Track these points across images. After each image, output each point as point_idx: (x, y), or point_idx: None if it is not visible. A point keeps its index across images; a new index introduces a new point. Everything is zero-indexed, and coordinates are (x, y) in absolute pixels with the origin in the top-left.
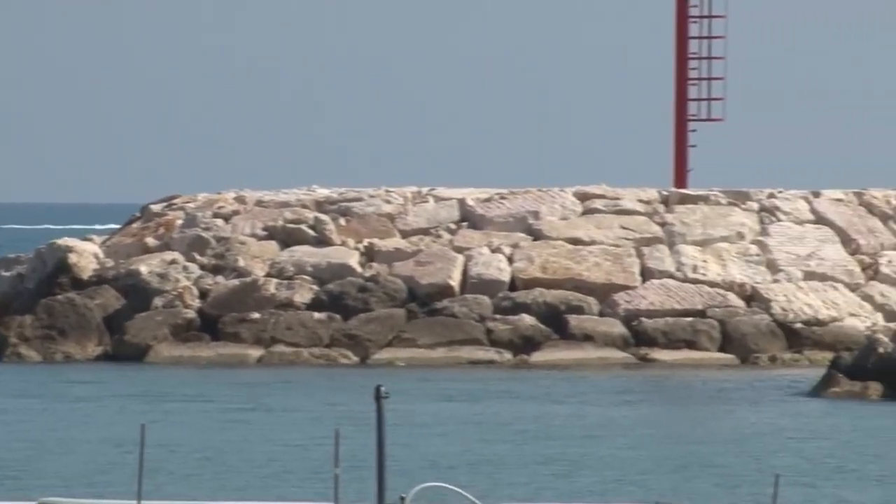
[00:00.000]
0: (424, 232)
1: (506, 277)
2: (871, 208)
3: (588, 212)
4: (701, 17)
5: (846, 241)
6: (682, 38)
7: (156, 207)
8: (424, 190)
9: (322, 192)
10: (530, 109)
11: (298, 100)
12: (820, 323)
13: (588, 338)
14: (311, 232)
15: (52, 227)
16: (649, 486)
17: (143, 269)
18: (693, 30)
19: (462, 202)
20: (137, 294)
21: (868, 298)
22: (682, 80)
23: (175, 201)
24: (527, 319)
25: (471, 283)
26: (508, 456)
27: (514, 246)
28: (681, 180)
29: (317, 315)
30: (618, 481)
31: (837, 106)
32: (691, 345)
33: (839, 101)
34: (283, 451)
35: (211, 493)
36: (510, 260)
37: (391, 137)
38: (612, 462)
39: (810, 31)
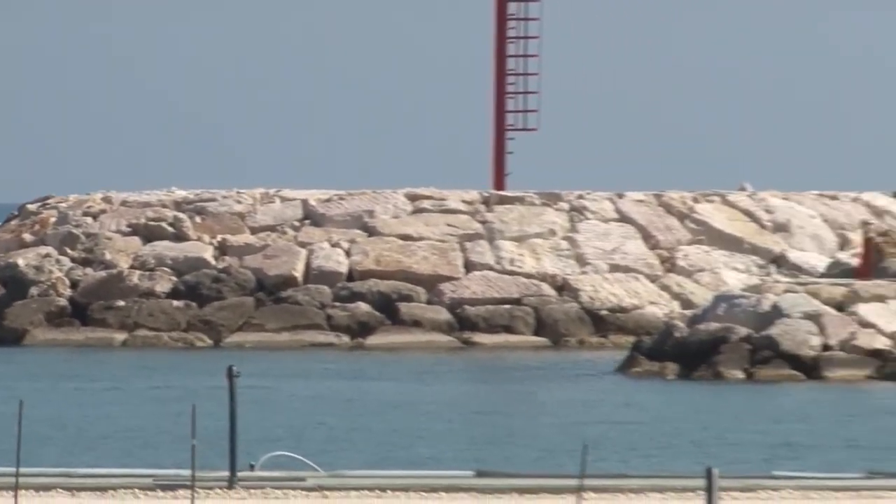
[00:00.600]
0: (271, 229)
1: (344, 269)
2: (668, 208)
3: (417, 211)
4: (518, 37)
5: (647, 237)
6: (500, 56)
7: (32, 207)
8: (271, 191)
9: (180, 194)
10: (367, 117)
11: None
12: (623, 310)
13: (417, 323)
14: (170, 229)
15: None
16: (473, 455)
17: (21, 261)
18: (510, 49)
19: (305, 202)
20: (15, 284)
21: (666, 288)
22: (500, 94)
23: (49, 201)
24: (362, 307)
25: (313, 275)
26: (349, 428)
27: (352, 241)
28: (500, 183)
29: (175, 303)
30: (447, 451)
31: (639, 116)
32: (509, 329)
33: (640, 112)
34: (146, 423)
35: (83, 461)
36: (348, 254)
37: (240, 142)
38: (443, 434)
39: (616, 49)
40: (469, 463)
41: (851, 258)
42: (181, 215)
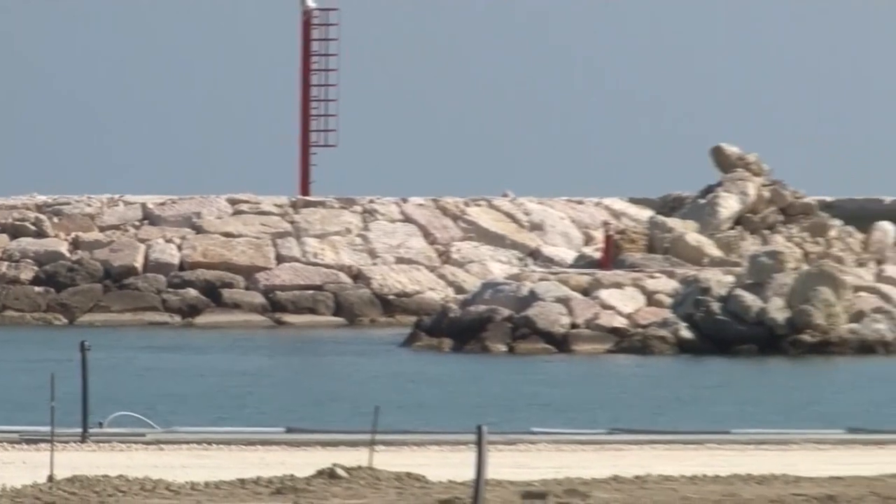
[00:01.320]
0: (116, 227)
1: (176, 261)
2: (444, 211)
3: (237, 213)
4: (319, 70)
5: (426, 234)
6: (305, 85)
7: None
8: (116, 196)
9: (41, 198)
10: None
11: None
12: (407, 295)
13: (237, 306)
14: (32, 227)
15: None
16: (284, 415)
17: None
18: (314, 79)
19: (144, 205)
20: None
21: (442, 277)
22: (305, 116)
23: None
24: (192, 292)
25: (150, 265)
26: (183, 393)
27: (182, 238)
28: (305, 190)
29: (36, 289)
30: (263, 411)
31: (420, 133)
32: (312, 311)
33: (421, 130)
34: (11, 388)
35: None
36: (179, 248)
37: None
38: (266, 397)
39: (401, 78)
40: (281, 421)
41: (594, 252)
42: (41, 216)
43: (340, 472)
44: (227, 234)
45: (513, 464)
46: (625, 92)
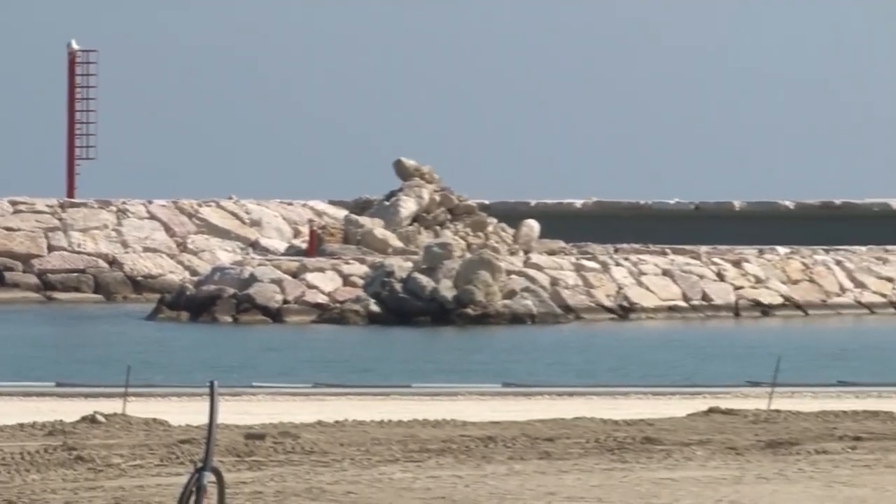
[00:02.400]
0: None
1: None
2: (182, 210)
3: (16, 212)
4: (82, 98)
5: (168, 229)
6: (71, 109)
7: None
8: None
9: None
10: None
11: None
12: (153, 277)
13: (16, 285)
14: None
15: None
16: (60, 371)
17: None
18: (78, 105)
19: None
20: None
21: (181, 263)
22: (71, 134)
23: None
24: None
25: None
26: None
27: None
28: (71, 193)
29: None
30: (43, 368)
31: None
32: (77, 289)
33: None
34: None
35: None
36: None
37: None
38: (39, 357)
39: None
40: (51, 376)
41: (302, 243)
42: None
43: (100, 417)
44: (9, 229)
45: (238, 411)
46: (321, 112)
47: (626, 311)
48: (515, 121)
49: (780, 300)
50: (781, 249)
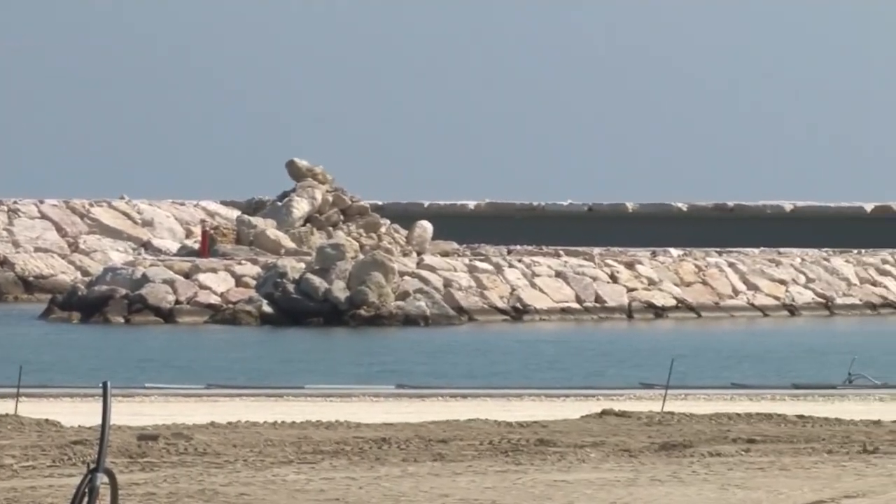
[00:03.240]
0: None
1: None
2: (74, 210)
3: None
4: None
5: (59, 229)
6: None
7: None
8: None
9: None
10: None
11: None
12: (44, 277)
13: None
14: None
15: None
16: None
17: None
18: None
19: None
20: None
21: (72, 263)
22: None
23: None
24: None
25: None
26: None
27: None
28: None
29: None
30: None
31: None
32: None
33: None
34: None
35: None
36: None
37: None
38: None
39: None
40: None
41: (194, 244)
42: None
43: None
44: None
45: (131, 412)
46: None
47: (519, 312)
48: (408, 122)
49: (672, 302)
50: (674, 251)
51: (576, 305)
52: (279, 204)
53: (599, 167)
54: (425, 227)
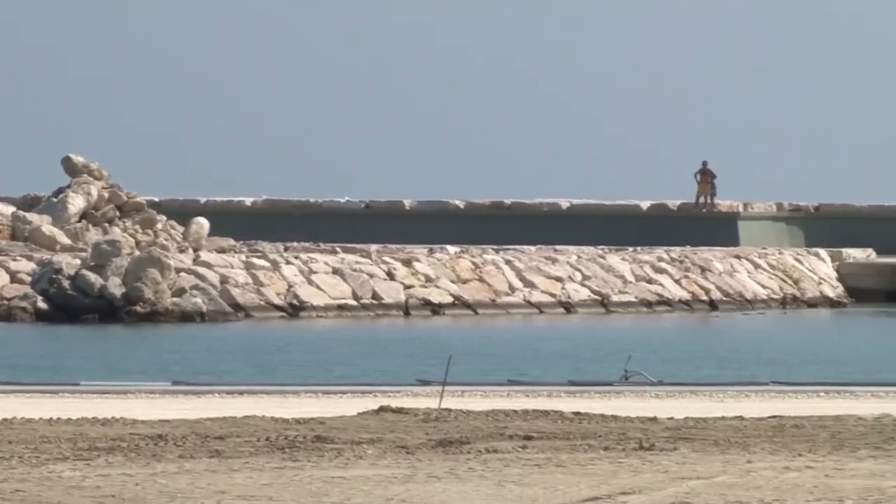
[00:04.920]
0: None
1: None
2: None
3: None
4: None
5: None
6: None
7: None
8: None
9: None
10: None
11: None
12: None
13: None
14: None
15: None
16: None
17: None
18: None
19: None
20: None
21: None
22: None
23: None
24: None
25: None
26: None
27: None
28: None
29: None
30: None
31: None
32: None
33: None
34: None
35: None
36: None
37: None
38: None
39: None
40: None
41: None
42: None
43: None
44: None
45: None
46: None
47: (296, 309)
48: (184, 117)
49: (449, 299)
50: (451, 248)
51: (353, 302)
52: (54, 200)
53: (376, 165)
54: (202, 223)
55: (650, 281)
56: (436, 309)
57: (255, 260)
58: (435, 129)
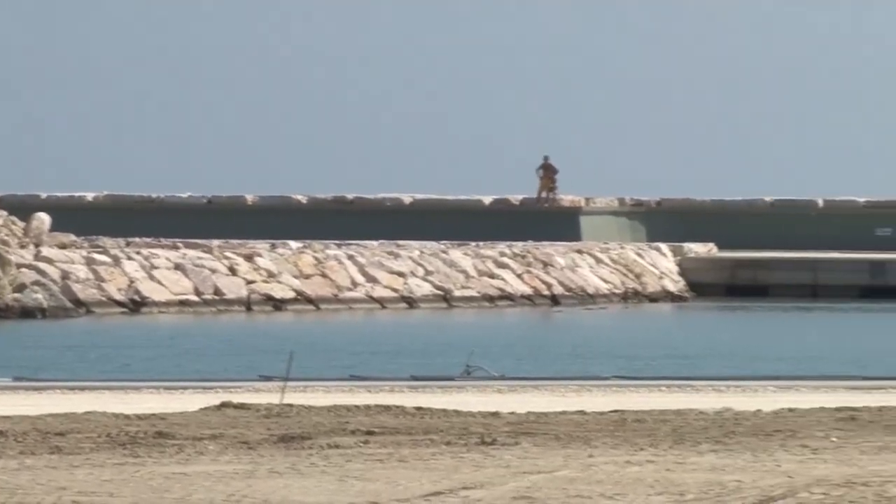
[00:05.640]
0: None
1: None
2: None
3: None
4: None
5: None
6: None
7: None
8: None
9: None
10: None
11: None
12: None
13: None
14: None
15: None
16: None
17: None
18: None
19: None
20: None
21: None
22: None
23: None
24: None
25: None
26: None
27: None
28: None
29: None
30: None
31: None
32: None
33: None
34: None
35: None
36: None
37: None
38: None
39: None
40: None
41: None
42: None
43: None
44: None
45: None
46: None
47: (137, 305)
48: (24, 112)
49: (292, 294)
50: (294, 244)
51: (194, 298)
52: None
53: (218, 160)
54: (43, 219)
55: (492, 276)
56: (278, 304)
57: (96, 255)
58: (277, 125)
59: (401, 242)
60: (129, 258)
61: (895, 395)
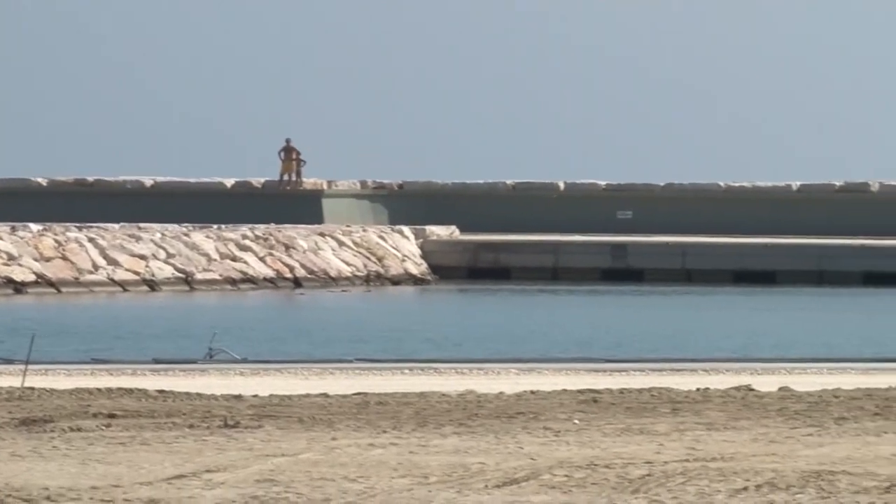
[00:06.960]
0: None
1: None
2: None
3: None
4: None
5: None
6: None
7: None
8: None
9: None
10: None
11: None
12: None
13: None
14: None
15: None
16: None
17: None
18: None
19: None
20: None
21: None
22: None
23: None
24: None
25: None
26: None
27: None
28: None
29: None
30: None
31: None
32: None
33: None
34: None
35: None
36: None
37: None
38: None
39: None
40: None
41: None
42: None
43: None
44: None
45: None
46: None
47: None
48: None
49: (32, 277)
50: (34, 226)
51: None
52: None
53: None
54: None
55: (235, 259)
56: (18, 287)
57: None
58: (14, 106)
59: (142, 225)
60: None
61: (637, 377)
